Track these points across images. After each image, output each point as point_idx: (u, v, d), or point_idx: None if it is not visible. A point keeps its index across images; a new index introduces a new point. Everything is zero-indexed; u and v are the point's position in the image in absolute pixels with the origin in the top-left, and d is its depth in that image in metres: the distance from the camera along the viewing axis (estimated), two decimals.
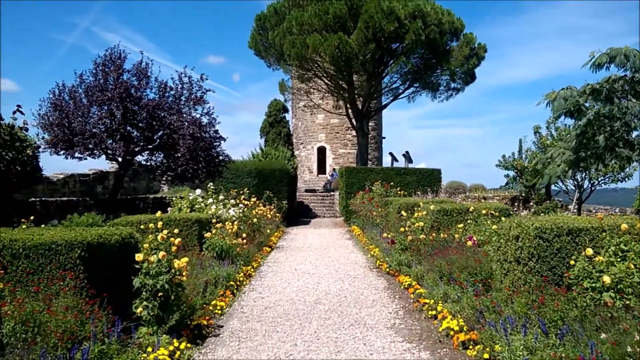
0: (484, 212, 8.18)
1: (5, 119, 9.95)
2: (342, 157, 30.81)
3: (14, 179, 9.88)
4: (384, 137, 33.96)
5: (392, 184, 17.98)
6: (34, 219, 8.78)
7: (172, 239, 5.58)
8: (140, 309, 4.65)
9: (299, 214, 22.06)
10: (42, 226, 6.12)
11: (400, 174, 19.99)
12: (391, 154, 30.80)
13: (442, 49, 20.57)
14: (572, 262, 4.61)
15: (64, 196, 14.41)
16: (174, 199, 11.43)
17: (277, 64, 22.37)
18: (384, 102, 25.70)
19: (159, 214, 8.41)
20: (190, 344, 4.72)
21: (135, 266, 4.81)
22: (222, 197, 11.88)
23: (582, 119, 7.91)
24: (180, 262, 5.02)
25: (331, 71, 21.70)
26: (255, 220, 12.25)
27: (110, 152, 12.29)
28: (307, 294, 7.08)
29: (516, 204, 18.58)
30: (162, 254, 4.87)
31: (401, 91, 23.86)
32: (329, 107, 27.23)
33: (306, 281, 7.98)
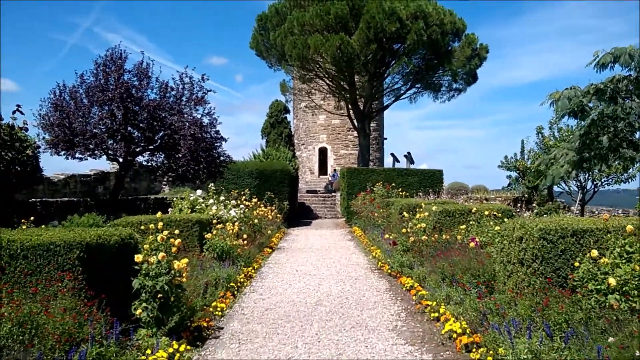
0: (486, 213, 8.13)
1: (5, 119, 9.93)
2: (343, 158, 30.74)
3: (14, 179, 9.86)
4: (386, 138, 33.94)
5: (393, 185, 17.93)
6: (34, 219, 8.78)
7: (172, 240, 5.55)
8: (139, 310, 4.60)
9: (300, 215, 22.00)
10: (42, 227, 6.07)
11: (401, 175, 19.95)
12: (393, 155, 30.75)
13: (443, 50, 20.52)
14: (576, 263, 4.56)
15: (65, 197, 14.40)
16: (175, 199, 11.40)
17: (279, 65, 22.33)
18: (386, 103, 25.64)
19: (159, 214, 8.39)
20: (190, 346, 4.67)
21: (134, 267, 4.77)
22: (223, 198, 11.84)
23: (586, 119, 7.86)
24: (180, 263, 4.98)
25: (332, 72, 21.67)
26: (256, 221, 12.20)
27: (111, 152, 12.26)
28: (308, 295, 7.03)
29: (518, 205, 18.51)
30: (161, 254, 4.83)
31: (403, 92, 23.85)
32: (330, 108, 27.19)
33: (307, 282, 7.93)
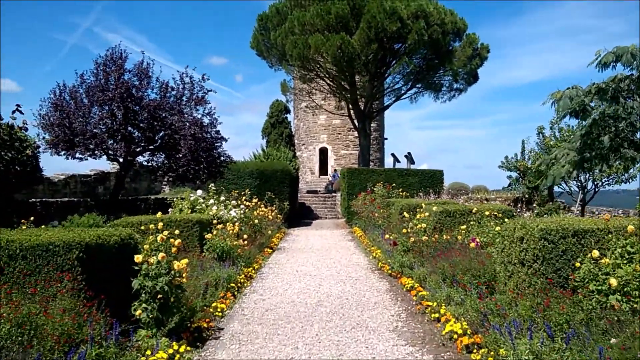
0: (487, 213, 8.11)
1: (4, 119, 9.92)
2: (344, 158, 30.72)
3: (14, 179, 9.85)
4: (386, 138, 33.90)
5: (394, 185, 17.91)
6: (34, 219, 8.76)
7: (172, 240, 5.53)
8: (139, 311, 4.59)
9: (300, 215, 21.98)
10: (42, 227, 6.06)
11: (402, 175, 19.93)
12: (393, 155, 30.71)
13: (444, 49, 20.49)
14: (577, 264, 4.55)
15: (65, 197, 14.39)
16: (175, 199, 11.39)
17: (279, 65, 22.32)
18: (386, 103, 25.61)
19: (159, 214, 8.38)
20: (190, 346, 4.66)
21: (134, 268, 4.75)
22: (223, 198, 11.82)
23: (587, 119, 7.84)
24: (180, 263, 4.97)
25: (333, 72, 21.65)
26: (256, 221, 12.18)
27: (111, 152, 12.25)
28: (308, 296, 7.01)
29: (519, 206, 18.50)
30: (161, 255, 4.81)
31: (403, 92, 23.82)
32: (330, 108, 27.16)
33: (307, 283, 7.92)
